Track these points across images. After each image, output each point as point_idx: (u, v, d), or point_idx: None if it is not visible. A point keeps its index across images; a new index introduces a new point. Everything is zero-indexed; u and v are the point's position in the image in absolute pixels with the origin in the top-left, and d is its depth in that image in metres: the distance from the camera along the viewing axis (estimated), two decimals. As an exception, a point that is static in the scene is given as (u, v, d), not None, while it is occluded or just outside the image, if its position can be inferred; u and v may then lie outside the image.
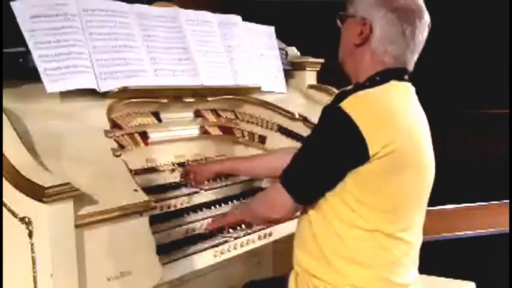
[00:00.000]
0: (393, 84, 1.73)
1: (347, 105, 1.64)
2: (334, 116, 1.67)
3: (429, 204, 1.84)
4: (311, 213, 1.77)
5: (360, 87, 1.72)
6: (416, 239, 1.81)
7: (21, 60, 1.87)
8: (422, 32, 1.74)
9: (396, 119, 1.67)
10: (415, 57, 1.77)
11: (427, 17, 1.75)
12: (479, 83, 4.67)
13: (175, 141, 2.36)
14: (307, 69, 2.96)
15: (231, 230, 2.19)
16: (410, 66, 1.78)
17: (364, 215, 1.68)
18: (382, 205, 1.68)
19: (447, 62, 4.61)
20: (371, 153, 1.62)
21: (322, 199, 1.73)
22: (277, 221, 1.91)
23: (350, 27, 1.79)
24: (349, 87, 1.76)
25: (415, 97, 1.81)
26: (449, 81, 4.66)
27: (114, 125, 2.02)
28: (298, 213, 1.85)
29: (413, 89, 1.80)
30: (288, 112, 2.62)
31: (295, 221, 1.88)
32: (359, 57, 1.77)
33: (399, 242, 1.74)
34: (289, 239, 1.92)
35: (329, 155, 1.67)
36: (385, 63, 1.74)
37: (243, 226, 2.21)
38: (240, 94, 2.58)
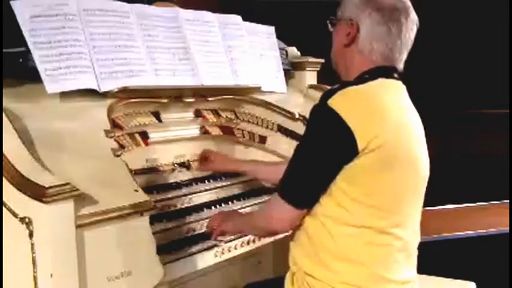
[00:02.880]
0: (381, 82, 1.75)
1: (334, 101, 1.66)
2: (321, 113, 1.68)
3: (429, 204, 1.84)
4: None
5: (347, 84, 1.74)
6: (411, 236, 1.81)
7: (21, 60, 1.87)
8: (410, 30, 1.76)
9: (383, 114, 1.68)
10: (404, 55, 1.79)
11: (413, 16, 1.77)
12: (480, 83, 4.67)
13: (176, 141, 2.36)
14: (307, 69, 2.96)
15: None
16: (400, 65, 1.80)
17: (354, 211, 1.68)
18: (371, 201, 1.68)
19: (447, 62, 4.61)
20: (360, 147, 1.63)
21: None
22: (279, 231, 1.89)
23: (339, 29, 1.83)
24: (336, 86, 1.76)
25: (406, 94, 1.82)
26: (450, 81, 4.66)
27: (114, 125, 2.02)
28: None
29: (403, 86, 1.81)
30: (288, 112, 2.62)
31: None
32: (348, 58, 1.80)
33: (391, 238, 1.73)
34: (289, 239, 1.92)
35: (320, 152, 1.68)
36: (374, 62, 1.76)
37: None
38: (240, 94, 2.58)
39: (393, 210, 1.73)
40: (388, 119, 1.68)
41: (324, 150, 1.68)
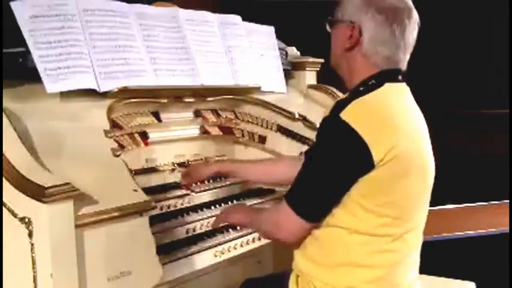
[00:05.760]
0: (389, 87, 1.71)
1: (346, 114, 1.62)
2: (334, 126, 1.64)
3: (429, 204, 1.83)
4: None
5: (356, 94, 1.70)
6: (419, 239, 1.81)
7: (21, 60, 1.87)
8: (412, 31, 1.73)
9: (397, 123, 1.65)
10: (407, 56, 1.76)
11: (416, 16, 1.73)
12: (480, 83, 4.68)
13: (175, 141, 2.36)
14: (307, 69, 2.96)
15: (230, 230, 2.20)
16: (404, 66, 1.76)
17: (368, 221, 1.66)
18: (386, 210, 1.66)
19: (448, 62, 4.62)
20: (375, 160, 1.60)
21: None
22: (285, 241, 1.79)
23: (339, 32, 1.78)
24: (345, 96, 1.73)
25: (411, 97, 1.79)
26: (450, 81, 4.67)
27: (114, 125, 2.02)
28: None
29: (408, 88, 1.79)
30: (288, 112, 2.62)
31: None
32: (351, 61, 1.76)
33: (403, 244, 1.73)
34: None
35: (333, 167, 1.64)
36: (378, 65, 1.72)
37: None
38: (240, 94, 2.58)
39: (407, 218, 1.72)
40: (402, 129, 1.65)
41: (338, 165, 1.64)
